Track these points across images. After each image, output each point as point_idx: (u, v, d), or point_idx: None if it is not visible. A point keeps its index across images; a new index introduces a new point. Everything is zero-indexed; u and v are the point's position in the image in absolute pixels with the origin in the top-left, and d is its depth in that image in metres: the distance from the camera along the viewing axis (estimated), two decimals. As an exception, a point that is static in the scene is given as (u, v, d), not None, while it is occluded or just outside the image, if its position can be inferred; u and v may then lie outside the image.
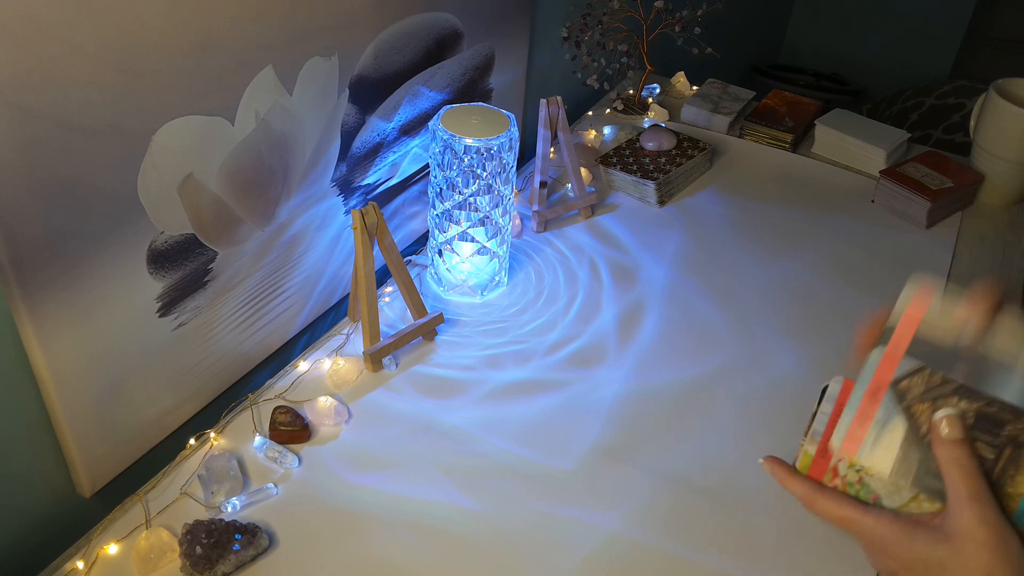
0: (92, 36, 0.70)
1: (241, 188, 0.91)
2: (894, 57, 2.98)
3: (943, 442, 0.54)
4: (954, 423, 0.54)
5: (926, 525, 0.54)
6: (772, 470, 0.60)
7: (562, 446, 0.96)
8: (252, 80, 0.87)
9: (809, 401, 0.58)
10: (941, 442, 0.54)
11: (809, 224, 1.36)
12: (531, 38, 1.42)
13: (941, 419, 0.55)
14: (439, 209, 1.11)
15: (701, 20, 1.55)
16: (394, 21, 1.06)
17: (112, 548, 0.82)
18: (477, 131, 1.05)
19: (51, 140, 0.70)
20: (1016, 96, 1.40)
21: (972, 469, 0.53)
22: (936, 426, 0.55)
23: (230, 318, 0.98)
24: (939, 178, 1.38)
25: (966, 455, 0.53)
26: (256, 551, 0.81)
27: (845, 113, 1.57)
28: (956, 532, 0.52)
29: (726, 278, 1.24)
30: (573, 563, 0.84)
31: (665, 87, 1.74)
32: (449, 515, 0.88)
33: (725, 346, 1.11)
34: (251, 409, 0.98)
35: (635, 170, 1.37)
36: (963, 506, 0.52)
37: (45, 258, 0.73)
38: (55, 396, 0.80)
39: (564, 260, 1.25)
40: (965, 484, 0.53)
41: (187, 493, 0.88)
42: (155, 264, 0.85)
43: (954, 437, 0.54)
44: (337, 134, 1.04)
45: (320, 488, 0.89)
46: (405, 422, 0.98)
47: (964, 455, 0.53)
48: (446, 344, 1.09)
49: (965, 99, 2.27)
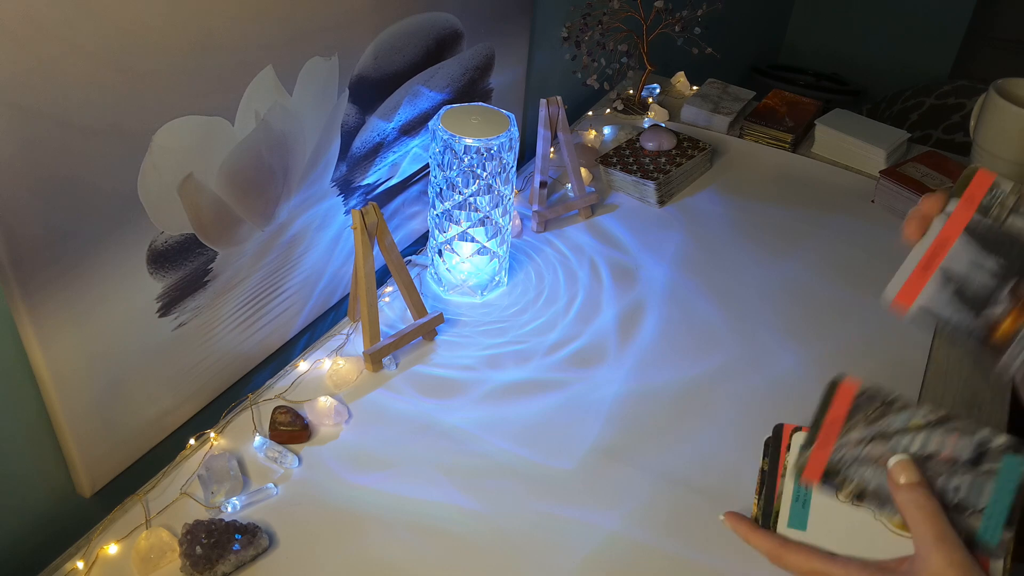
0: (92, 36, 0.70)
1: (241, 188, 0.91)
2: (894, 57, 2.98)
3: (900, 488, 0.54)
4: (908, 467, 0.55)
5: (894, 571, 0.54)
6: (734, 527, 0.60)
7: (562, 446, 0.96)
8: (252, 80, 0.87)
9: (809, 401, 0.58)
10: (899, 488, 0.55)
11: (809, 224, 1.36)
12: (531, 38, 1.42)
13: (895, 464, 0.55)
14: (439, 209, 1.11)
15: (701, 20, 1.55)
16: (394, 21, 1.06)
17: (112, 548, 0.82)
18: (477, 131, 1.05)
19: (51, 140, 0.70)
20: (1016, 96, 1.40)
21: (933, 510, 0.53)
22: (891, 473, 0.55)
23: (230, 318, 0.98)
24: (939, 178, 1.39)
25: (925, 496, 0.54)
26: (256, 551, 0.81)
27: (845, 113, 1.57)
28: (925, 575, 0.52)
29: (726, 278, 1.24)
30: (573, 563, 0.84)
31: (665, 87, 1.74)
32: (449, 515, 0.88)
33: (725, 346, 1.11)
34: (251, 409, 0.98)
35: (635, 170, 1.37)
36: (930, 550, 0.52)
37: (45, 258, 0.74)
38: (55, 396, 0.80)
39: (564, 260, 1.25)
40: (929, 527, 0.53)
41: (187, 493, 0.88)
42: (155, 264, 0.85)
43: (910, 480, 0.54)
44: (337, 134, 1.04)
45: (320, 488, 0.89)
46: (405, 422, 0.98)
47: (923, 497, 0.54)
48: (446, 344, 1.09)
49: (965, 99, 2.27)
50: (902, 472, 0.55)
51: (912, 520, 0.53)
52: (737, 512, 0.60)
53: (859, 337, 1.15)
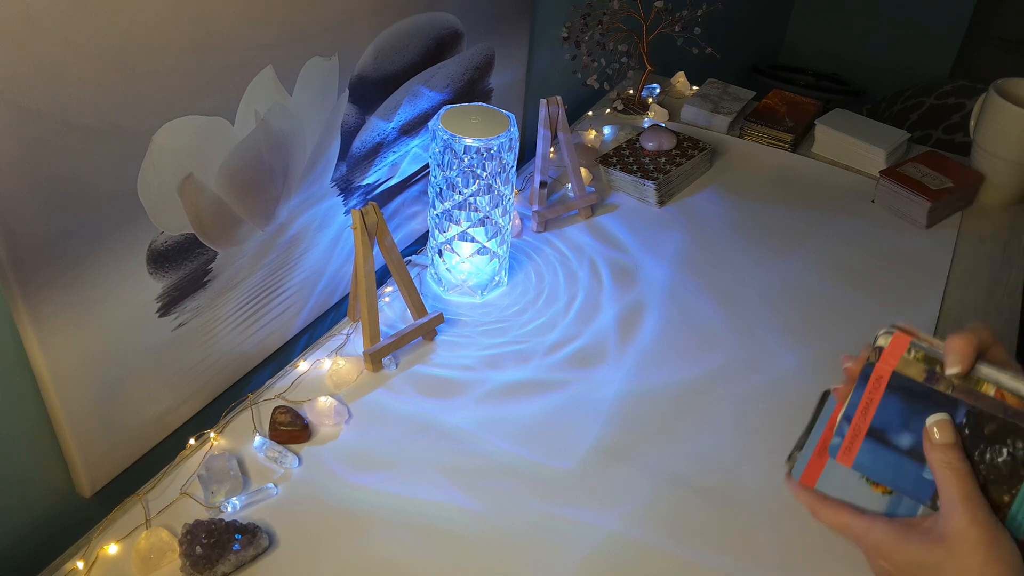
0: (92, 36, 0.70)
1: (241, 188, 0.91)
2: (894, 57, 2.98)
3: (935, 446, 0.55)
4: (945, 427, 0.55)
5: (919, 527, 0.55)
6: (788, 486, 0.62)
7: (562, 446, 0.96)
8: (252, 80, 0.87)
9: (809, 401, 0.58)
10: (933, 446, 0.55)
11: (809, 224, 1.36)
12: (531, 38, 1.42)
13: (932, 424, 0.56)
14: (439, 209, 1.11)
15: (701, 20, 1.55)
16: (394, 21, 1.06)
17: (112, 548, 0.82)
18: (477, 131, 1.05)
19: (51, 140, 0.70)
20: (1016, 96, 1.40)
21: (963, 472, 0.54)
22: (928, 431, 0.56)
23: (230, 318, 0.98)
24: (939, 178, 1.39)
25: (957, 458, 0.54)
26: (256, 551, 0.81)
27: (845, 113, 1.57)
28: (949, 533, 0.52)
29: (726, 278, 1.24)
30: (573, 563, 0.84)
31: (665, 87, 1.74)
32: (449, 515, 0.88)
33: (725, 346, 1.11)
34: (251, 409, 0.98)
35: (635, 170, 1.37)
36: (955, 507, 0.53)
37: (45, 258, 0.73)
38: (55, 396, 0.80)
39: (564, 260, 1.25)
40: (957, 486, 0.53)
41: (187, 493, 0.88)
42: (155, 264, 0.85)
43: (945, 441, 0.55)
44: (337, 134, 1.04)
45: (320, 488, 0.89)
46: (405, 422, 0.98)
47: (955, 458, 0.54)
48: (446, 344, 1.09)
49: (965, 99, 2.27)
50: (939, 431, 0.55)
51: (941, 478, 0.54)
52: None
53: (859, 337, 1.14)
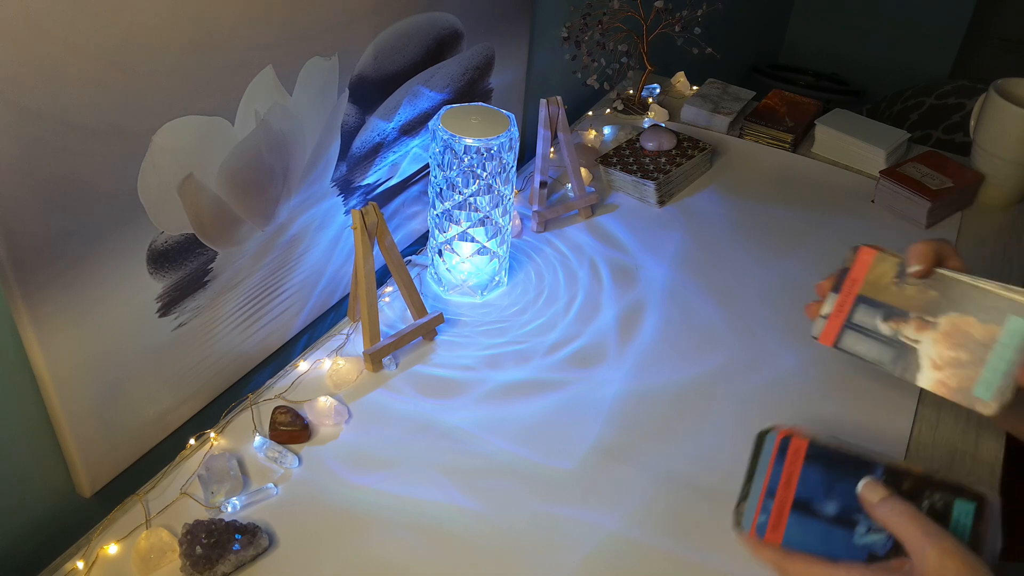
0: (92, 36, 0.70)
1: (241, 188, 0.91)
2: (894, 57, 2.98)
3: (876, 505, 0.58)
4: (874, 485, 0.59)
5: (898, 571, 0.56)
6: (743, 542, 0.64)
7: (562, 446, 0.96)
8: (252, 80, 0.87)
9: (809, 401, 0.58)
10: (874, 505, 0.58)
11: (809, 224, 1.36)
12: (531, 38, 1.42)
13: (863, 488, 0.59)
14: (439, 209, 1.11)
15: (701, 20, 1.55)
16: (394, 21, 1.06)
17: (112, 548, 0.82)
18: (477, 131, 1.05)
19: (51, 140, 0.70)
20: (1016, 96, 1.40)
21: (912, 511, 0.56)
22: (863, 496, 0.59)
23: (230, 318, 0.98)
24: (939, 178, 1.39)
25: (900, 503, 0.57)
26: (256, 551, 0.81)
27: (845, 113, 1.57)
28: (928, 570, 0.54)
29: (726, 278, 1.24)
30: (573, 563, 0.84)
31: (665, 87, 1.74)
32: (449, 515, 0.88)
33: (725, 346, 1.11)
34: (251, 409, 0.98)
35: (635, 170, 1.37)
36: (923, 546, 0.55)
37: (45, 258, 0.74)
38: (55, 396, 0.80)
39: (564, 260, 1.25)
40: (914, 525, 0.56)
41: (187, 493, 0.88)
42: (155, 264, 0.85)
43: (882, 495, 0.58)
44: (337, 134, 1.04)
45: (320, 488, 0.89)
46: (405, 422, 0.98)
47: (899, 503, 0.57)
48: (446, 344, 1.09)
49: (965, 99, 2.27)
50: (872, 491, 0.59)
51: (897, 526, 0.56)
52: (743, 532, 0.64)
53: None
